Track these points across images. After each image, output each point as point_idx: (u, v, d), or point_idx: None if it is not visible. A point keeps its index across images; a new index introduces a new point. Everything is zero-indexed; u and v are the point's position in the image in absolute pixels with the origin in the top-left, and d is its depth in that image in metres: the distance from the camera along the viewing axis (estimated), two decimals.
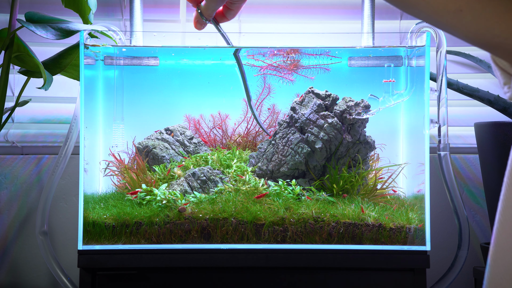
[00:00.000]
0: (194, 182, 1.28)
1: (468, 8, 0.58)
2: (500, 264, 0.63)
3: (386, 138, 1.38)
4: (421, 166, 1.21)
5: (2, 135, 1.53)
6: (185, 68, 1.44)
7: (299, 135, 1.30)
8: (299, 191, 1.24)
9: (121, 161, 1.36)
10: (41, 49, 1.46)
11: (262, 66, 1.38)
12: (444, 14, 0.60)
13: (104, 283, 1.15)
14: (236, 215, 1.17)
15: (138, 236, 1.17)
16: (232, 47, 1.21)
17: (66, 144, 1.31)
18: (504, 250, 0.63)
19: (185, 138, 1.45)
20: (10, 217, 1.52)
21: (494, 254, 0.64)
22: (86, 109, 1.24)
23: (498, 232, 0.63)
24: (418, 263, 1.15)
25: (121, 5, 1.55)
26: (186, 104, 1.48)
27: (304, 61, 1.36)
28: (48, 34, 1.20)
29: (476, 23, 0.58)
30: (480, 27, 0.59)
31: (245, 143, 1.48)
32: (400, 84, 1.31)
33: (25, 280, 1.51)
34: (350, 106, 1.29)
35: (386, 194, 1.32)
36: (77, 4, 1.28)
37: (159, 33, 1.37)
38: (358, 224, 1.16)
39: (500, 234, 0.63)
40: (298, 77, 1.39)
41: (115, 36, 1.34)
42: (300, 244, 1.16)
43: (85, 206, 1.19)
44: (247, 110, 1.46)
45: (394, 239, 1.17)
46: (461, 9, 0.58)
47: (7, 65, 1.23)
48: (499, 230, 0.63)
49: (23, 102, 1.36)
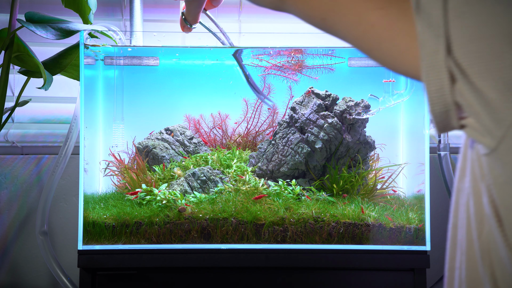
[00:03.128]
0: (194, 182, 1.28)
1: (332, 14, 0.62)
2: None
3: (386, 138, 1.38)
4: (421, 166, 1.21)
5: (2, 135, 1.53)
6: (185, 68, 1.44)
7: (299, 135, 1.30)
8: (299, 191, 1.24)
9: (121, 161, 1.36)
10: (41, 49, 1.45)
11: (265, 66, 1.38)
12: (310, 20, 0.65)
13: (104, 283, 1.15)
14: (236, 215, 1.17)
15: (138, 236, 1.17)
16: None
17: (66, 144, 1.31)
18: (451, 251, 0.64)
19: (185, 138, 1.45)
20: (10, 217, 1.52)
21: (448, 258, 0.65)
22: (86, 109, 1.24)
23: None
24: (418, 263, 1.15)
25: (121, 5, 1.55)
26: (186, 104, 1.48)
27: (307, 61, 1.36)
28: (48, 34, 1.20)
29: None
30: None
31: (245, 143, 1.48)
32: (400, 84, 1.31)
33: (25, 280, 1.51)
34: (350, 106, 1.29)
35: (386, 194, 1.32)
36: (77, 4, 1.28)
37: (159, 33, 1.37)
38: (358, 224, 1.16)
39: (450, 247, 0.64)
40: (299, 77, 1.39)
41: (115, 36, 1.33)
42: (300, 244, 1.16)
43: (85, 206, 1.19)
44: (247, 110, 1.46)
45: (394, 239, 1.17)
46: (324, 17, 0.62)
47: (7, 65, 1.23)
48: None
49: (23, 102, 1.36)
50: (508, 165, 0.51)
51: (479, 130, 0.53)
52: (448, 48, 0.52)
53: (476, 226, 0.57)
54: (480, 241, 0.57)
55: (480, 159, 0.56)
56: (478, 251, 0.57)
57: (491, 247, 0.55)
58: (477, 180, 0.57)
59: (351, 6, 0.59)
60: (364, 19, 0.59)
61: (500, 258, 0.53)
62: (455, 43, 0.52)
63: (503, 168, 0.52)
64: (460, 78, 0.52)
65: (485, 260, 0.56)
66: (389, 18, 0.57)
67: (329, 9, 0.61)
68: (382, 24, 0.57)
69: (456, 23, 0.52)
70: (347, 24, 0.60)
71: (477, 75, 0.51)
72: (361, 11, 0.59)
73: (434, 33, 0.53)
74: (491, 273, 0.55)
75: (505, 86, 0.50)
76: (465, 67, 0.51)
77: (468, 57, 0.51)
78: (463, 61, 0.52)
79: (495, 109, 0.51)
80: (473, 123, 0.53)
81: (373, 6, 0.58)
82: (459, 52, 0.52)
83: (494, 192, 0.54)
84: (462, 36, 0.52)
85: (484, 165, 0.55)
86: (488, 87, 0.51)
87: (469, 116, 0.53)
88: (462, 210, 0.62)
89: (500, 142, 0.51)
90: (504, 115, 0.50)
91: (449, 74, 0.52)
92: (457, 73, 0.52)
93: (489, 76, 0.51)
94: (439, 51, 0.52)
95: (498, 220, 0.53)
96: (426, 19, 0.53)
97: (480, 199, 0.57)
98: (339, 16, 0.61)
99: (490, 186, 0.54)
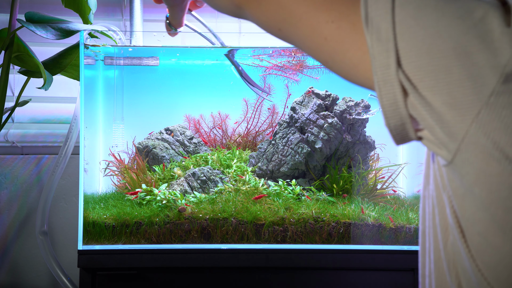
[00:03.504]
0: (194, 182, 1.28)
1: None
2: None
3: (386, 138, 1.38)
4: (421, 166, 1.21)
5: (2, 135, 1.53)
6: (185, 68, 1.44)
7: (299, 135, 1.30)
8: (299, 191, 1.24)
9: (121, 161, 1.36)
10: (41, 49, 1.45)
11: (266, 66, 1.38)
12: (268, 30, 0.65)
13: (104, 283, 1.15)
14: (236, 215, 1.17)
15: (138, 236, 1.17)
16: (224, 47, 1.23)
17: (66, 144, 1.31)
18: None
19: (185, 138, 1.45)
20: (10, 217, 1.52)
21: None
22: (86, 109, 1.24)
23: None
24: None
25: (121, 5, 1.55)
26: (186, 104, 1.48)
27: (308, 61, 1.36)
28: (48, 34, 1.20)
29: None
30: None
31: (245, 143, 1.48)
32: None
33: (25, 280, 1.51)
34: (350, 106, 1.29)
35: (386, 194, 1.32)
36: (77, 4, 1.28)
37: (159, 33, 1.37)
38: (358, 224, 1.16)
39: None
40: (300, 77, 1.39)
41: (115, 36, 1.33)
42: (300, 244, 1.16)
43: (85, 206, 1.19)
44: (247, 110, 1.46)
45: (394, 239, 1.17)
46: (279, 28, 0.62)
47: (7, 65, 1.23)
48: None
49: (23, 102, 1.36)
50: (465, 178, 0.51)
51: (435, 143, 0.53)
52: (398, 62, 0.52)
53: (442, 236, 0.57)
54: (445, 251, 0.57)
55: (440, 169, 0.56)
56: (444, 261, 0.57)
57: (456, 258, 0.55)
58: (440, 190, 0.57)
59: (304, 18, 0.58)
60: (316, 32, 0.58)
61: (465, 269, 0.53)
62: (404, 57, 0.51)
63: (460, 180, 0.52)
64: (411, 92, 0.51)
65: (451, 271, 0.56)
66: (340, 32, 0.56)
67: (284, 20, 0.60)
68: (334, 37, 0.56)
69: (404, 37, 0.51)
70: (301, 36, 0.60)
71: (427, 90, 0.51)
72: (313, 23, 0.58)
73: (384, 47, 0.52)
74: (457, 283, 0.55)
75: (454, 100, 0.50)
76: (415, 81, 0.51)
77: (418, 71, 0.51)
78: (413, 75, 0.51)
79: (447, 123, 0.50)
80: (429, 136, 0.53)
81: (325, 19, 0.57)
82: (408, 67, 0.51)
83: (454, 203, 0.54)
84: (410, 50, 0.51)
85: (444, 175, 0.55)
86: (438, 102, 0.50)
87: (424, 128, 0.53)
88: (428, 218, 0.62)
89: (455, 155, 0.51)
90: (456, 128, 0.50)
91: (401, 88, 0.52)
92: (408, 87, 0.51)
93: (438, 91, 0.50)
94: (390, 65, 0.52)
95: (461, 231, 0.53)
96: (376, 32, 0.52)
97: (444, 209, 0.57)
98: (293, 28, 0.60)
99: (451, 198, 0.54)
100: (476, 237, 0.51)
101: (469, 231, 0.52)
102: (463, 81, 0.49)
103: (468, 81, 0.49)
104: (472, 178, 0.50)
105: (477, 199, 0.50)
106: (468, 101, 0.49)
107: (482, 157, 0.49)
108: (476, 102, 0.49)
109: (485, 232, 0.50)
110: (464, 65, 0.49)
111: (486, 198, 0.50)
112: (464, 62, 0.49)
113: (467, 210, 0.52)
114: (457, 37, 0.50)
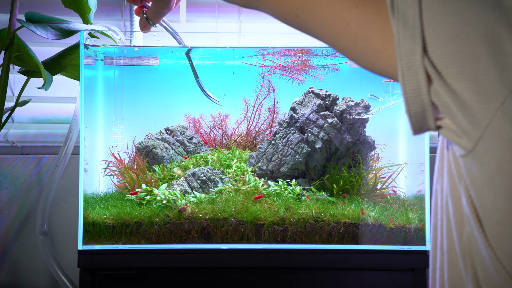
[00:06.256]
0: (194, 182, 1.28)
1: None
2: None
3: (386, 138, 1.38)
4: (421, 166, 1.21)
5: (2, 135, 1.53)
6: (185, 68, 1.44)
7: (299, 135, 1.30)
8: (299, 191, 1.24)
9: (121, 161, 1.36)
10: (41, 49, 1.45)
11: (270, 66, 1.38)
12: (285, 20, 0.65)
13: (104, 283, 1.15)
14: (236, 215, 1.17)
15: (138, 236, 1.17)
16: (185, 47, 1.23)
17: (66, 144, 1.31)
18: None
19: (185, 138, 1.45)
20: (10, 217, 1.52)
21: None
22: (86, 109, 1.24)
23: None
24: (418, 263, 1.15)
25: (121, 5, 1.55)
26: (186, 104, 1.48)
27: (311, 61, 1.36)
28: (48, 34, 1.20)
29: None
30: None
31: (245, 143, 1.48)
32: None
33: (25, 280, 1.51)
34: (350, 106, 1.29)
35: (386, 194, 1.32)
36: (77, 4, 1.28)
37: (159, 33, 1.37)
38: (358, 224, 1.16)
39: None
40: (304, 77, 1.39)
41: (115, 36, 1.33)
42: (300, 244, 1.16)
43: (85, 206, 1.19)
44: (247, 110, 1.46)
45: (394, 239, 1.17)
46: (297, 14, 0.61)
47: (7, 65, 1.23)
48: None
49: (23, 102, 1.36)
50: (485, 166, 0.51)
51: (456, 131, 0.53)
52: (424, 48, 0.52)
53: (456, 227, 0.57)
54: (460, 242, 0.57)
55: (456, 160, 0.56)
56: (459, 252, 0.57)
57: (472, 247, 0.55)
58: (455, 182, 0.57)
59: (325, 4, 0.58)
60: (338, 18, 0.57)
61: (482, 258, 0.53)
62: (430, 44, 0.51)
63: (480, 169, 0.52)
64: (436, 79, 0.52)
65: (466, 261, 0.56)
66: (364, 17, 0.56)
67: (302, 6, 0.60)
68: (357, 23, 0.56)
69: (431, 24, 0.52)
70: (321, 22, 0.59)
71: (453, 77, 0.51)
72: (335, 9, 0.57)
73: (410, 33, 0.52)
74: (473, 273, 0.55)
75: (480, 87, 0.50)
76: (440, 68, 0.51)
77: (444, 58, 0.51)
78: (438, 62, 0.51)
79: (471, 111, 0.50)
80: (450, 124, 0.53)
81: (348, 4, 0.57)
82: (434, 53, 0.51)
83: (472, 193, 0.53)
84: (437, 37, 0.51)
85: (461, 166, 0.55)
86: (463, 89, 0.50)
87: (445, 117, 0.53)
88: (440, 211, 0.62)
89: (477, 143, 0.51)
90: (481, 116, 0.50)
91: (425, 75, 0.52)
92: (433, 74, 0.52)
93: (464, 78, 0.50)
94: (415, 52, 0.52)
95: (478, 221, 0.53)
96: (402, 19, 0.52)
97: (459, 200, 0.56)
98: (313, 14, 0.59)
99: (468, 187, 0.54)
100: (495, 226, 0.51)
101: (487, 220, 0.52)
102: (490, 69, 0.50)
103: (495, 69, 0.49)
104: (493, 167, 0.50)
105: (497, 188, 0.50)
106: (494, 88, 0.49)
107: (506, 145, 0.49)
108: (503, 89, 0.49)
109: (505, 221, 0.50)
110: (492, 53, 0.50)
111: (508, 186, 0.50)
112: (492, 50, 0.50)
113: (485, 199, 0.52)
114: (486, 25, 0.50)
